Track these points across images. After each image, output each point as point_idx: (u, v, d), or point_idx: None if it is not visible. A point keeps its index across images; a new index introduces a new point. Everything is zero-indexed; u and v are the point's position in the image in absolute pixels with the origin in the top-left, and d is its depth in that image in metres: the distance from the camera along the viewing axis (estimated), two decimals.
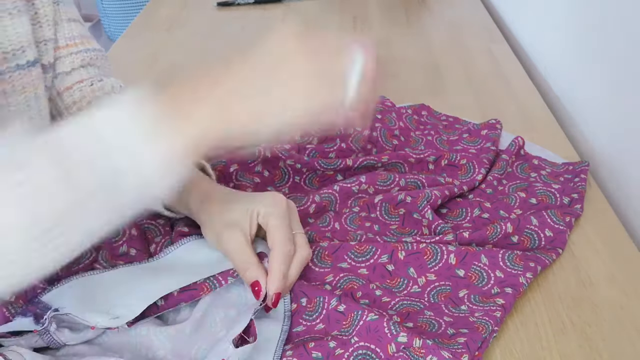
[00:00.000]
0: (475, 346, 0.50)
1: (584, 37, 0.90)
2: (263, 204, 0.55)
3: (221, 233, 0.55)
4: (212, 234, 0.56)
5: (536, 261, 0.59)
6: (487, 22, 1.28)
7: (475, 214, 0.68)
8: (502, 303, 0.54)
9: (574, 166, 0.75)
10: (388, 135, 0.80)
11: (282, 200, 0.56)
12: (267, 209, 0.55)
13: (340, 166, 0.73)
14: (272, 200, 0.56)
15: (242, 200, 0.57)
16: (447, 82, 1.01)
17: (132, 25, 1.33)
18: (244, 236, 0.55)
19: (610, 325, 0.55)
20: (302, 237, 0.57)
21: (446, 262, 0.59)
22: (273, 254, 0.54)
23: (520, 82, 1.01)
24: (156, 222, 0.64)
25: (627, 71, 0.75)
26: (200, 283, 0.54)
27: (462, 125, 0.86)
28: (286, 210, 0.56)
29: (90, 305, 0.51)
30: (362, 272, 0.59)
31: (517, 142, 0.78)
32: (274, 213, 0.55)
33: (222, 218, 0.56)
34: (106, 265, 0.58)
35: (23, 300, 0.52)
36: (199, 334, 0.52)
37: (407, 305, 0.55)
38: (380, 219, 0.67)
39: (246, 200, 0.56)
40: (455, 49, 1.14)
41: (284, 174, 0.73)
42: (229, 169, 0.72)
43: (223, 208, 0.56)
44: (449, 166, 0.75)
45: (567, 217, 0.65)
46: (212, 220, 0.56)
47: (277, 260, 0.53)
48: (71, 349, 0.51)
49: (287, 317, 0.53)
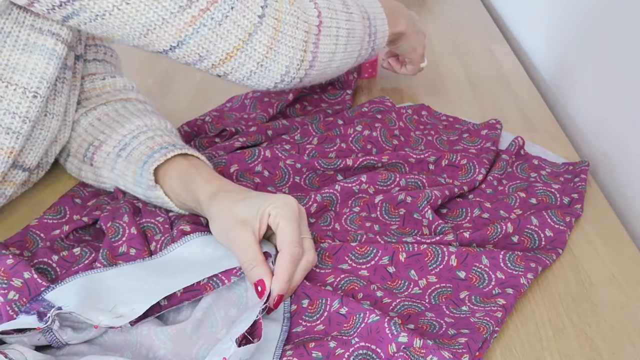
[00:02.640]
0: (476, 346, 0.50)
1: (584, 37, 0.90)
2: (274, 205, 0.55)
3: (230, 229, 0.55)
4: (221, 228, 0.57)
5: (537, 261, 0.60)
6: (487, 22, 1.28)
7: (475, 214, 0.68)
8: (503, 303, 0.54)
9: (574, 166, 0.75)
10: (388, 135, 0.80)
11: (293, 203, 0.56)
12: (278, 211, 0.55)
13: (340, 166, 0.73)
14: (284, 202, 0.56)
15: (254, 199, 0.57)
16: (447, 82, 1.01)
17: None
18: (253, 234, 0.55)
19: (610, 325, 0.55)
20: (310, 241, 0.57)
21: (447, 263, 0.59)
22: (281, 255, 0.54)
23: (520, 82, 1.01)
24: (155, 220, 0.64)
25: (627, 71, 0.75)
26: (204, 283, 0.54)
27: (462, 125, 0.86)
28: (297, 214, 0.56)
29: (93, 303, 0.51)
30: (363, 274, 0.59)
31: (517, 142, 0.78)
32: (285, 215, 0.55)
33: (232, 214, 0.56)
34: (107, 264, 0.58)
35: (26, 298, 0.53)
36: (199, 334, 0.52)
37: (408, 307, 0.56)
38: (381, 219, 0.67)
39: (258, 199, 0.57)
40: (455, 49, 1.14)
41: (284, 174, 0.73)
42: (229, 169, 0.72)
43: (234, 204, 0.57)
44: (450, 166, 0.75)
45: (567, 217, 0.65)
46: (223, 215, 0.56)
47: (285, 261, 0.53)
48: (72, 348, 0.51)
49: (287, 318, 0.53)
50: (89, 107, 0.70)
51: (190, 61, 0.60)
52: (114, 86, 0.73)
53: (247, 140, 0.78)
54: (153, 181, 0.61)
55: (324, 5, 0.65)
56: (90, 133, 0.68)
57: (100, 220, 0.64)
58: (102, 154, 0.67)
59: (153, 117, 0.69)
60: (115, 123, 0.68)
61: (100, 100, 0.71)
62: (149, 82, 1.03)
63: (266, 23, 0.58)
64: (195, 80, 1.04)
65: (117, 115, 0.69)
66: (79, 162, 0.70)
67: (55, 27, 0.59)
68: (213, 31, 0.57)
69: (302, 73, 0.63)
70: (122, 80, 0.74)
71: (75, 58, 0.68)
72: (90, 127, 0.69)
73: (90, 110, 0.70)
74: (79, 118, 0.70)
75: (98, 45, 0.75)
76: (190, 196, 0.61)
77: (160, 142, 0.64)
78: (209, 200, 0.58)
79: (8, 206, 0.69)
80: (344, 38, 0.67)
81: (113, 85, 0.73)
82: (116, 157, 0.65)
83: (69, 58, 0.65)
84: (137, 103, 0.72)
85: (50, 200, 0.70)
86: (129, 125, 0.67)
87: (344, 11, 0.68)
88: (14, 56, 0.58)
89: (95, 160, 0.67)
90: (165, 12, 0.55)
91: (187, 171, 0.62)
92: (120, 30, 0.56)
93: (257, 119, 0.85)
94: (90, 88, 0.72)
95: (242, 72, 0.61)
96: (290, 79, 0.63)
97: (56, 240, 0.63)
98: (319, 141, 0.78)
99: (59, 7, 0.54)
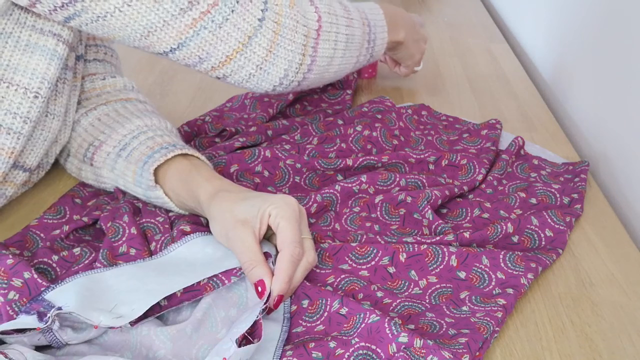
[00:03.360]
0: (477, 346, 0.50)
1: (584, 37, 0.90)
2: (275, 205, 0.55)
3: (231, 229, 0.55)
4: (222, 228, 0.57)
5: (537, 262, 0.60)
6: (487, 22, 1.28)
7: (475, 214, 0.68)
8: (504, 303, 0.54)
9: (574, 166, 0.75)
10: (388, 135, 0.80)
11: (294, 203, 0.56)
12: (278, 211, 0.55)
13: (340, 166, 0.73)
14: (284, 202, 0.56)
15: (255, 199, 0.57)
16: (447, 82, 1.01)
17: None
18: (254, 234, 0.55)
19: (610, 325, 0.55)
20: (310, 242, 0.57)
21: (447, 264, 0.59)
22: (282, 255, 0.54)
23: (520, 82, 1.01)
24: (155, 220, 0.64)
25: (628, 71, 0.75)
26: (204, 284, 0.54)
27: (462, 125, 0.86)
28: (298, 214, 0.56)
29: (94, 304, 0.51)
30: (363, 274, 0.59)
31: (517, 142, 0.78)
32: (285, 215, 0.55)
33: (233, 214, 0.56)
34: (107, 264, 0.58)
35: (26, 298, 0.53)
36: (199, 334, 0.52)
37: (408, 307, 0.56)
38: (381, 219, 0.67)
39: (259, 199, 0.57)
40: (455, 49, 1.14)
41: (284, 174, 0.73)
42: (229, 169, 0.72)
43: (235, 204, 0.57)
44: (450, 166, 0.75)
45: (567, 217, 0.65)
46: (223, 215, 0.56)
47: (285, 261, 0.53)
48: (72, 348, 0.51)
49: (287, 318, 0.53)
50: (89, 107, 0.70)
51: (190, 63, 0.60)
52: (114, 86, 0.73)
53: (247, 140, 0.78)
54: (153, 181, 0.61)
55: (324, 9, 0.65)
56: (90, 133, 0.68)
57: (100, 220, 0.64)
58: (102, 154, 0.67)
59: (153, 117, 0.69)
60: (115, 123, 0.68)
61: (100, 100, 0.71)
62: (149, 82, 1.03)
63: (266, 26, 0.59)
64: (195, 80, 1.04)
65: (117, 115, 0.69)
66: (79, 162, 0.70)
67: (56, 28, 0.59)
68: (213, 34, 0.57)
69: (301, 76, 0.64)
70: (122, 80, 0.74)
71: (76, 58, 0.68)
72: (90, 127, 0.69)
73: (90, 110, 0.70)
74: (79, 118, 0.70)
75: (98, 46, 0.75)
76: (190, 196, 0.61)
77: (160, 142, 0.64)
78: (209, 200, 0.58)
79: (8, 206, 0.69)
80: (343, 43, 0.68)
81: (113, 85, 0.73)
82: (116, 157, 0.65)
83: (70, 58, 0.65)
84: (137, 103, 0.72)
85: (50, 200, 0.70)
86: (129, 125, 0.67)
87: (345, 16, 0.68)
88: (15, 57, 0.58)
89: (95, 160, 0.67)
90: (166, 15, 0.55)
91: (187, 171, 0.62)
92: (121, 31, 0.56)
93: (257, 119, 0.85)
94: (91, 88, 0.72)
95: (241, 74, 0.61)
96: (289, 82, 0.63)
97: (56, 240, 0.63)
98: (319, 141, 0.78)
99: (61, 9, 0.54)
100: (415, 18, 0.90)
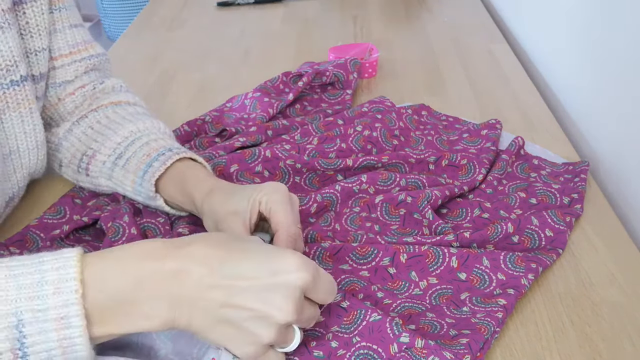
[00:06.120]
0: (477, 347, 0.50)
1: (584, 37, 0.90)
2: (264, 192, 0.55)
3: (220, 221, 0.56)
4: (212, 222, 0.57)
5: (537, 262, 0.60)
6: (487, 22, 1.28)
7: (476, 214, 0.68)
8: (504, 304, 0.54)
9: (574, 166, 0.75)
10: (388, 135, 0.80)
11: (283, 188, 0.56)
12: (269, 197, 0.55)
13: (340, 166, 0.73)
14: (273, 188, 0.56)
15: (245, 191, 0.57)
16: (447, 82, 1.01)
17: (132, 25, 1.33)
18: (243, 224, 0.55)
19: (610, 325, 0.55)
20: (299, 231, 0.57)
21: (448, 265, 0.59)
22: (278, 235, 0.54)
23: (520, 82, 1.01)
24: (156, 220, 0.64)
25: (628, 71, 0.75)
26: None
27: (462, 125, 0.86)
28: (288, 197, 0.56)
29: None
30: (364, 275, 0.59)
31: (517, 142, 0.78)
32: (276, 199, 0.55)
33: (223, 207, 0.56)
34: None
35: None
36: None
37: (408, 308, 0.56)
38: (381, 219, 0.67)
39: (249, 190, 0.57)
40: (455, 49, 1.14)
41: (284, 174, 0.73)
42: (229, 169, 0.72)
43: (225, 198, 0.57)
44: (450, 166, 0.75)
45: (568, 217, 0.65)
46: (214, 209, 0.57)
47: (283, 240, 0.53)
48: None
49: None
50: (80, 115, 0.69)
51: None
52: (103, 90, 0.72)
53: (247, 140, 0.78)
54: (154, 192, 0.61)
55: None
56: (83, 142, 0.67)
57: (101, 220, 0.64)
58: (98, 164, 0.65)
59: (145, 119, 0.68)
60: (107, 130, 0.66)
61: (90, 107, 0.69)
62: (149, 82, 1.03)
63: None
64: (195, 80, 1.04)
65: (108, 122, 0.67)
66: (73, 173, 0.68)
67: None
68: None
69: None
70: (110, 83, 0.72)
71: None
72: (83, 135, 0.67)
73: (82, 118, 0.69)
74: (70, 127, 0.68)
75: (84, 59, 0.70)
76: (186, 199, 0.61)
77: (156, 148, 0.63)
78: (202, 198, 0.59)
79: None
80: None
81: (102, 90, 0.71)
82: (112, 165, 0.64)
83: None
84: (127, 106, 0.70)
85: (50, 200, 0.70)
86: (121, 131, 0.66)
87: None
88: None
89: (90, 170, 0.66)
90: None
91: (182, 175, 0.62)
92: None
93: (257, 119, 0.85)
94: (81, 99, 0.70)
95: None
96: None
97: (56, 240, 0.63)
98: (319, 141, 0.78)
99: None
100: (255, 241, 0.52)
